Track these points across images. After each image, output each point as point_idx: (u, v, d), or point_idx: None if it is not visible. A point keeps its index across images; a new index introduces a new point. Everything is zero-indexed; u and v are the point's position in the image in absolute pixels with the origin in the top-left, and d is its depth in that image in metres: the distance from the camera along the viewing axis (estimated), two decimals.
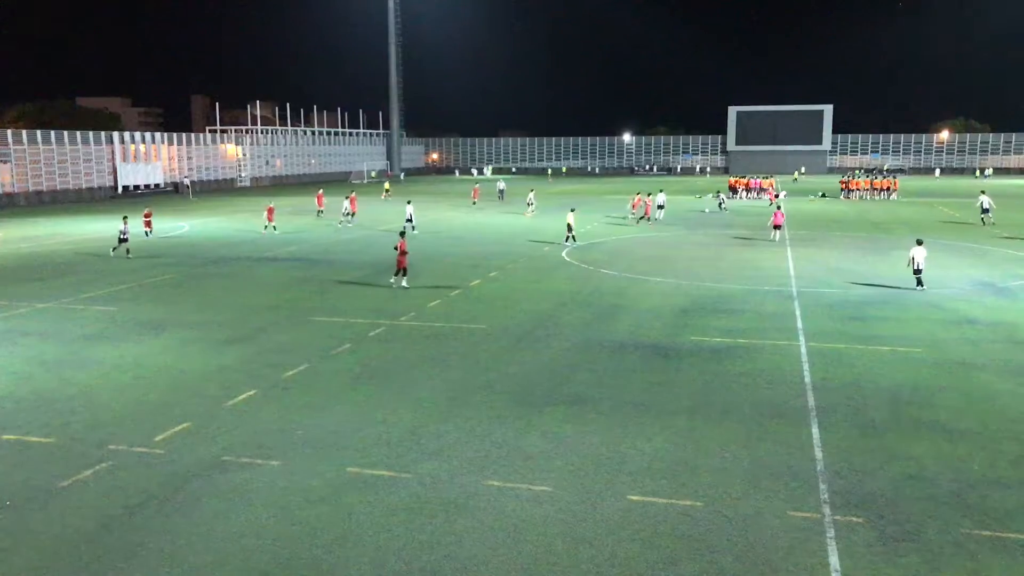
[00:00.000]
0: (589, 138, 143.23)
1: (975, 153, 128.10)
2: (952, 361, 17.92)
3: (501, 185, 72.94)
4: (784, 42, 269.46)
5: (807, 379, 16.59)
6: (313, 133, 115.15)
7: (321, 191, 58.87)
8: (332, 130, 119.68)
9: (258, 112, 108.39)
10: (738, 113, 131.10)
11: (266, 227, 44.90)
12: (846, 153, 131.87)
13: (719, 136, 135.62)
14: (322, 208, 54.33)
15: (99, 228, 48.22)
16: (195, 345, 19.63)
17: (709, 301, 24.79)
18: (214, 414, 14.61)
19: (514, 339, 20.10)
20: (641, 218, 50.94)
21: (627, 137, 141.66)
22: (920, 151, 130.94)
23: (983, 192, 50.68)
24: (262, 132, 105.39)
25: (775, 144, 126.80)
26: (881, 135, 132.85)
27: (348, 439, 13.37)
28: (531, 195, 58.72)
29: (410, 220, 44.25)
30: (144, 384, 16.50)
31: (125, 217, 36.75)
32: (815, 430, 13.67)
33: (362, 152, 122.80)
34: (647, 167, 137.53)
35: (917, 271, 26.32)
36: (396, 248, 27.37)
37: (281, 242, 40.18)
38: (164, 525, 10.41)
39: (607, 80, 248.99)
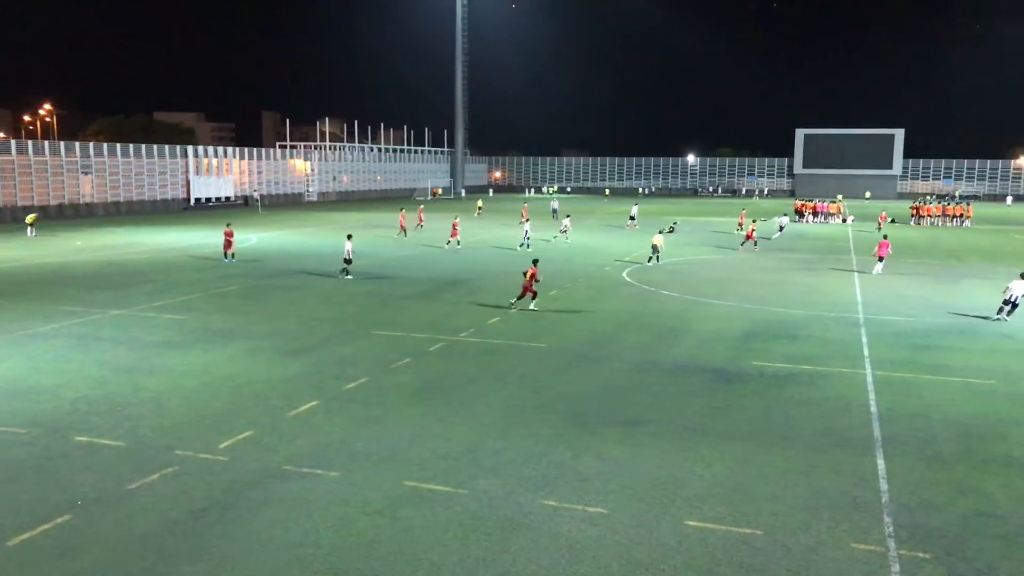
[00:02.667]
0: (652, 158, 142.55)
1: None
2: None
3: (555, 204, 72.90)
4: (854, 64, 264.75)
5: (873, 408, 16.18)
6: (379, 150, 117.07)
7: (420, 208, 61.06)
8: (397, 147, 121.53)
9: (327, 128, 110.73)
10: (806, 135, 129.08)
11: (448, 243, 46.47)
12: (917, 178, 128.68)
13: (785, 159, 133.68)
14: (421, 223, 57.15)
15: (172, 239, 49.75)
16: (261, 355, 20.07)
17: (772, 326, 24.39)
18: (277, 423, 14.90)
19: (572, 358, 20.07)
20: (745, 242, 47.18)
21: (691, 158, 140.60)
22: (996, 177, 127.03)
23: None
24: (330, 148, 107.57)
25: (843, 168, 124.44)
26: (955, 160, 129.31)
27: (406, 453, 13.50)
28: (634, 209, 64.33)
29: (525, 243, 45.15)
30: (210, 391, 16.92)
31: (350, 236, 35.57)
32: (880, 461, 13.32)
33: (426, 169, 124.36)
34: (711, 189, 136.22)
35: (1011, 302, 25.50)
36: (525, 274, 26.20)
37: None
38: (225, 531, 10.64)
39: (671, 101, 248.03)
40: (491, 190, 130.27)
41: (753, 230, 47.80)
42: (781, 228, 56.77)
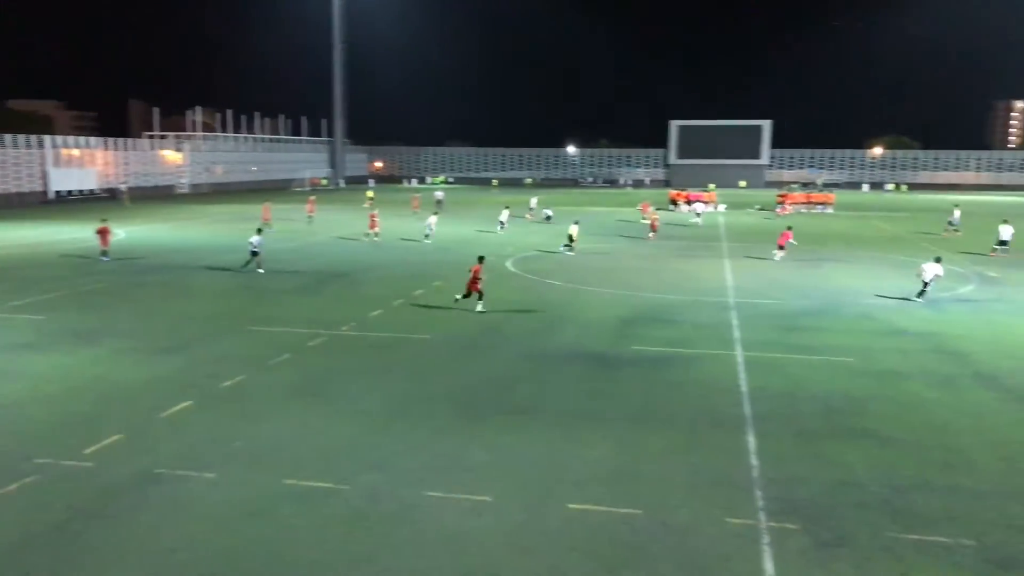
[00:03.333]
0: (535, 149, 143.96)
1: (906, 169, 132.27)
2: (883, 370, 18.42)
3: (439, 195, 72.54)
4: (725, 59, 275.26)
5: (744, 388, 16.89)
6: (254, 140, 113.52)
7: (310, 199, 59.51)
8: (274, 137, 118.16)
9: (199, 118, 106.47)
10: (679, 127, 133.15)
11: (367, 235, 45.09)
12: (783, 167, 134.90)
13: (661, 150, 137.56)
14: (312, 214, 55.49)
15: (29, 234, 46.75)
16: (129, 355, 19.14)
17: (651, 311, 25.09)
18: (147, 426, 14.26)
19: (458, 349, 20.06)
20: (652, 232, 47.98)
21: (572, 149, 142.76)
22: (855, 166, 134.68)
23: (956, 207, 54.18)
24: (203, 138, 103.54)
25: (715, 158, 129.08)
26: (817, 150, 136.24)
27: (286, 451, 13.17)
28: (534, 200, 64.55)
29: (428, 235, 44.63)
30: (74, 395, 16.02)
31: (259, 230, 34.28)
32: (751, 438, 13.92)
33: (305, 160, 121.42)
34: (591, 179, 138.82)
35: (926, 283, 27.39)
36: (470, 271, 24.83)
37: (222, 249, 39.44)
38: (93, 540, 10.11)
39: (552, 94, 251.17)
40: (372, 180, 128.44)
41: (656, 220, 49.29)
42: (698, 214, 59.76)
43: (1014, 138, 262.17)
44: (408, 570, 9.51)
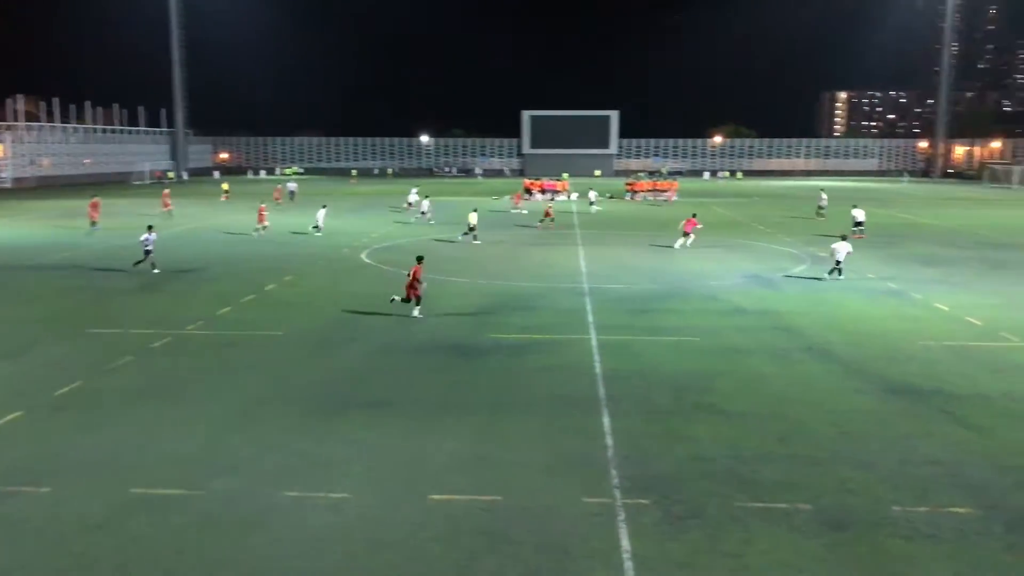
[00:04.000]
0: (388, 138, 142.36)
1: (743, 157, 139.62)
2: (726, 348, 19.41)
3: (292, 186, 70.53)
4: (576, 49, 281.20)
5: (598, 370, 17.38)
6: (85, 131, 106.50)
7: (164, 192, 55.61)
8: (108, 127, 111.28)
9: (21, 107, 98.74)
10: (532, 117, 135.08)
11: (256, 230, 42.36)
12: (631, 156, 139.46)
13: (515, 139, 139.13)
14: (168, 208, 52.28)
15: None
16: None
17: (508, 299, 25.38)
18: None
19: (312, 345, 19.61)
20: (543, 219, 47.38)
21: (425, 138, 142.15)
22: (696, 155, 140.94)
23: (823, 191, 58.49)
24: (26, 129, 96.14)
25: (567, 148, 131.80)
26: (662, 140, 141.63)
27: (131, 459, 12.48)
28: (419, 197, 55.58)
29: (317, 226, 42.99)
30: None
31: (150, 226, 31.69)
32: (606, 419, 14.35)
33: (143, 151, 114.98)
34: (447, 169, 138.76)
35: (838, 262, 29.16)
36: (409, 275, 22.78)
37: (52, 247, 36.81)
38: None
39: (405, 82, 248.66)
40: (217, 172, 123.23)
41: (550, 208, 50.11)
42: (591, 203, 60.95)
43: (839, 126, 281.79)
44: (266, 572, 9.23)
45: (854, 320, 22.68)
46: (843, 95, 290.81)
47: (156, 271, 29.86)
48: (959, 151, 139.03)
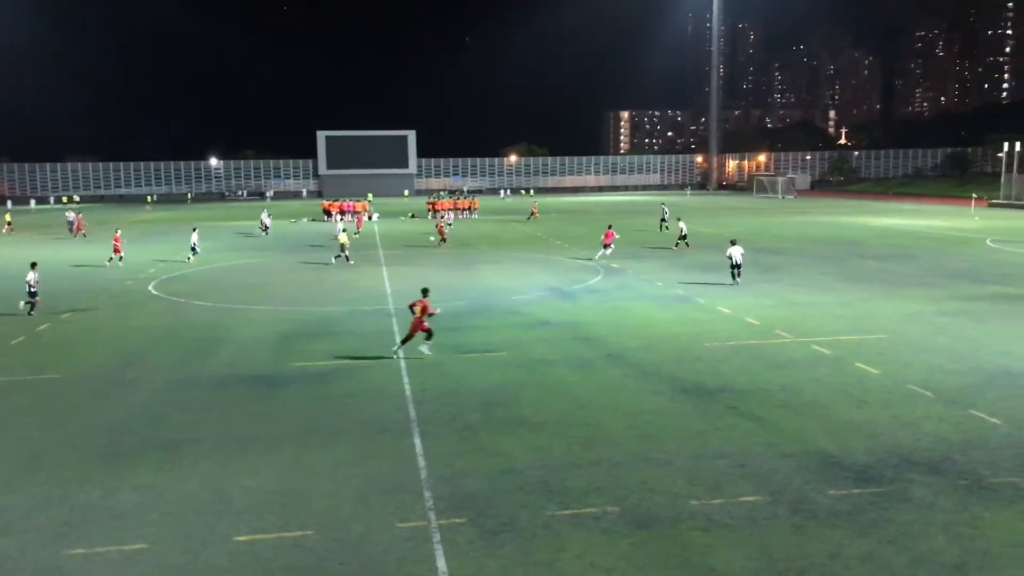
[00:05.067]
0: (173, 162, 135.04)
1: (538, 175, 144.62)
2: (532, 360, 19.89)
3: (70, 216, 65.09)
4: (371, 70, 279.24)
5: (408, 392, 17.25)
6: None
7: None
8: None
9: None
10: (327, 137, 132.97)
11: (111, 259, 40.00)
12: (431, 176, 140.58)
13: (310, 160, 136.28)
14: None
15: None
16: None
17: (311, 325, 24.69)
18: None
19: (96, 386, 18.10)
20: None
21: (214, 161, 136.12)
22: (494, 173, 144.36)
23: (663, 204, 61.56)
24: None
25: (365, 168, 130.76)
26: (460, 159, 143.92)
27: None
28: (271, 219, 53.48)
29: (194, 249, 41.29)
30: None
31: (34, 264, 28.04)
32: (417, 440, 14.25)
33: None
34: (238, 192, 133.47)
35: (735, 266, 30.82)
36: (412, 309, 20.49)
37: None
38: None
39: (190, 102, 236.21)
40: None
41: (441, 225, 49.94)
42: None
43: (624, 143, 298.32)
44: None
45: (647, 326, 23.97)
46: (626, 114, 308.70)
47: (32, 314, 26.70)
48: (731, 164, 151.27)
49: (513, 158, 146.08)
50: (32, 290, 26.73)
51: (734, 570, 9.68)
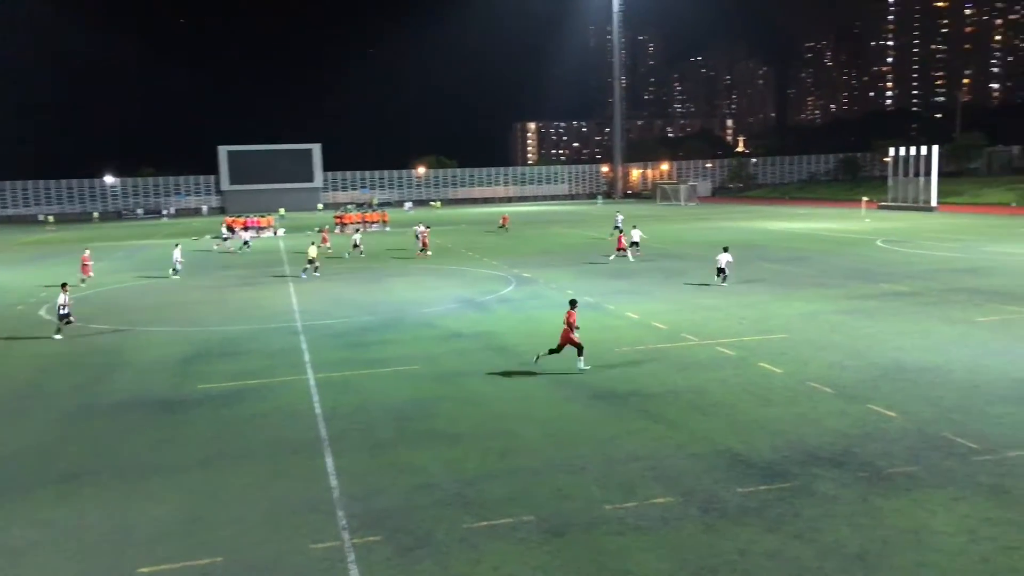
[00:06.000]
0: (65, 180, 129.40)
1: (447, 186, 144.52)
2: (445, 373, 19.79)
3: None
4: (273, 83, 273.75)
5: (318, 410, 16.92)
6: None
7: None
8: None
9: None
10: (229, 152, 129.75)
11: (84, 280, 38.98)
12: (338, 189, 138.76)
13: (212, 176, 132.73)
14: None
15: None
16: None
17: (215, 345, 23.98)
18: None
19: None
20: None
21: (110, 179, 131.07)
22: (403, 185, 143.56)
23: (618, 213, 62.62)
24: None
25: (270, 183, 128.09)
26: (368, 171, 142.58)
27: None
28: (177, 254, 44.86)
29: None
30: None
31: (64, 284, 26.80)
32: (329, 459, 13.98)
33: None
34: (136, 211, 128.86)
35: (720, 270, 32.54)
36: (566, 322, 19.60)
37: None
38: None
39: (82, 118, 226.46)
40: None
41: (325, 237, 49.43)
42: (246, 242, 58.28)
43: (531, 154, 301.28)
44: None
45: (559, 334, 24.12)
46: (533, 125, 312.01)
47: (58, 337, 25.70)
48: (635, 173, 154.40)
49: (422, 170, 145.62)
50: (63, 313, 25.90)
51: (648, 572, 9.82)
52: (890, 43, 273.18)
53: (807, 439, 14.26)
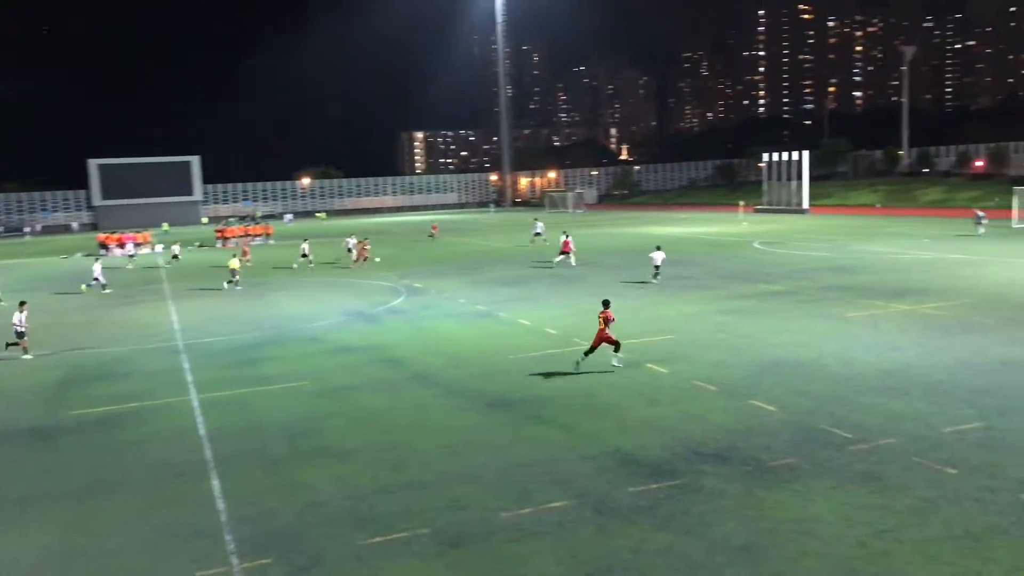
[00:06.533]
0: None
1: (333, 197, 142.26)
2: (335, 388, 19.42)
3: None
4: (148, 94, 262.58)
5: (203, 432, 16.31)
6: None
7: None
8: None
9: None
10: (100, 166, 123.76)
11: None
12: (219, 202, 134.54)
13: (83, 191, 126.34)
14: None
15: None
16: None
17: (90, 369, 22.79)
18: None
19: None
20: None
21: None
22: (287, 197, 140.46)
23: (536, 220, 61.69)
24: None
25: (146, 197, 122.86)
26: (251, 183, 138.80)
27: None
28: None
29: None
30: None
31: (23, 302, 25.67)
32: (216, 482, 13.49)
33: None
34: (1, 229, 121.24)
35: (657, 267, 34.98)
36: (602, 320, 19.61)
37: None
38: None
39: None
40: None
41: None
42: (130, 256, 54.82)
43: (419, 164, 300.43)
44: None
45: (452, 343, 24.12)
46: (420, 135, 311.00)
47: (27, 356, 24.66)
48: (524, 182, 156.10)
49: (307, 181, 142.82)
50: (19, 330, 24.64)
51: None
52: (761, 53, 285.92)
53: (694, 436, 14.68)
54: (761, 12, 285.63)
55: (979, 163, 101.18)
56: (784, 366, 19.46)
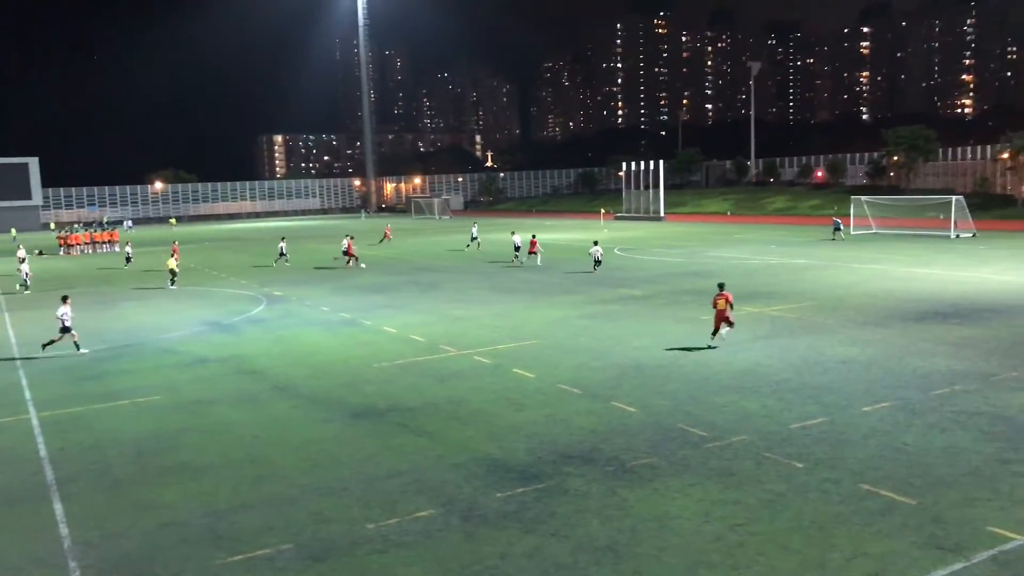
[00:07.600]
0: None
1: (188, 202, 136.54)
2: (190, 402, 18.55)
3: None
4: None
5: (43, 453, 15.21)
6: None
7: None
8: None
9: None
10: None
11: None
12: (61, 207, 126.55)
13: None
14: None
15: None
16: None
17: None
18: None
19: None
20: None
21: None
22: (138, 202, 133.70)
23: (475, 223, 62.46)
24: None
25: None
26: (97, 188, 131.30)
27: None
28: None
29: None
30: None
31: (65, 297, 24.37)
32: (58, 506, 12.59)
33: None
34: None
35: (596, 261, 39.81)
36: (718, 302, 21.65)
37: None
38: None
39: None
40: None
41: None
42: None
43: (280, 168, 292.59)
44: None
45: (314, 353, 23.54)
46: (280, 139, 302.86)
47: (84, 351, 24.21)
48: (389, 187, 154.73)
49: (159, 185, 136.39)
50: (65, 325, 24.06)
51: None
52: (619, 65, 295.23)
53: (559, 439, 14.91)
54: (619, 25, 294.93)
55: (819, 173, 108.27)
56: (644, 368, 20.08)
